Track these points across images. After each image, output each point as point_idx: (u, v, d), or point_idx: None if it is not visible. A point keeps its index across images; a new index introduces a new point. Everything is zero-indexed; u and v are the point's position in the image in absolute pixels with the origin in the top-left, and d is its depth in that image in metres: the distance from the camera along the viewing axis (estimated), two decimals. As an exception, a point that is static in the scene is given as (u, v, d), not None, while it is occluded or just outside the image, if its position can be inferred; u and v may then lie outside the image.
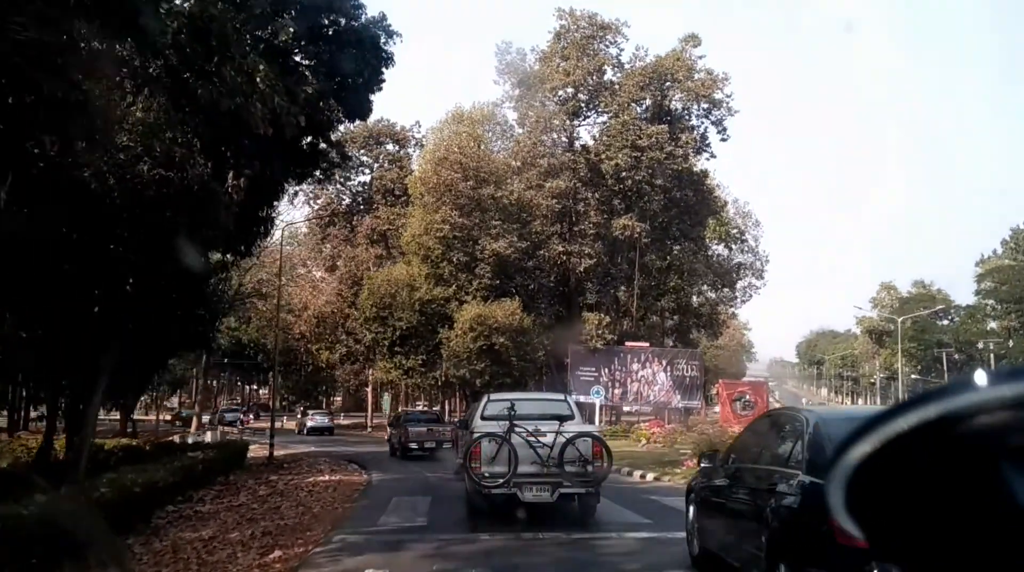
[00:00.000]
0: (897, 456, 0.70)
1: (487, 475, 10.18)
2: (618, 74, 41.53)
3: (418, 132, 52.53)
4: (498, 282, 37.98)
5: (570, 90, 40.57)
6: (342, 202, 54.26)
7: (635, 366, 38.21)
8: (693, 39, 40.03)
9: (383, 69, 19.12)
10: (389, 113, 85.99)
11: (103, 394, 17.07)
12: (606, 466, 10.55)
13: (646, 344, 39.85)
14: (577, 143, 41.86)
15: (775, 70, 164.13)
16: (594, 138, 41.92)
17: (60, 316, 14.91)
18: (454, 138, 38.25)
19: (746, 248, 53.83)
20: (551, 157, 40.22)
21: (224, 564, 7.75)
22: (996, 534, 0.66)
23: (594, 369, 37.35)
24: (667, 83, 40.10)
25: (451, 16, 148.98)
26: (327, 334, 50.14)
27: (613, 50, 41.40)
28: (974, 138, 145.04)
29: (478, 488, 10.34)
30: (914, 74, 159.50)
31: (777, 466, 6.25)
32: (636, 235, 38.58)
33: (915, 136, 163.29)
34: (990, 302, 79.97)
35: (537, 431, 10.39)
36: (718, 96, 40.10)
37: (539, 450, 10.23)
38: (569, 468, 10.20)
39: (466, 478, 10.96)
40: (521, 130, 41.76)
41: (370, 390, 56.81)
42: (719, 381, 52.81)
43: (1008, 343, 73.33)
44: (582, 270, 39.32)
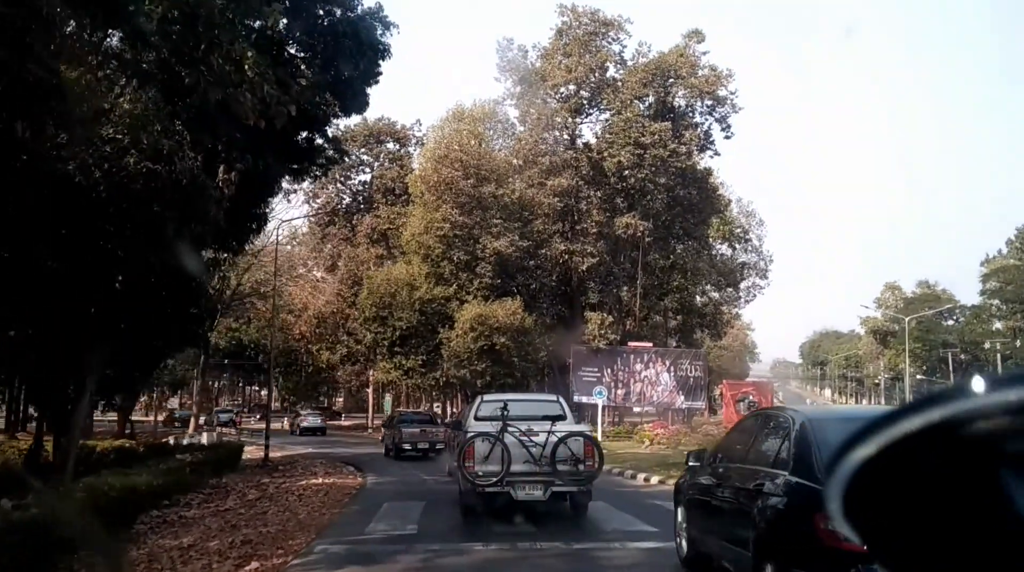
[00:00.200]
0: (895, 461, 0.70)
1: (481, 474, 10.36)
2: (620, 71, 41.06)
3: (419, 130, 52.16)
4: (499, 281, 37.56)
5: (572, 87, 40.11)
6: (342, 201, 53.85)
7: (638, 366, 37.71)
8: (697, 35, 39.55)
9: (379, 62, 18.71)
10: (389, 112, 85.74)
11: (92, 394, 16.63)
12: (597, 465, 10.77)
13: (649, 344, 39.36)
14: (579, 141, 41.40)
15: (778, 67, 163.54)
16: (596, 136, 41.48)
17: (44, 314, 14.47)
18: (455, 136, 37.82)
19: (750, 247, 53.46)
20: (553, 155, 39.75)
21: (197, 575, 7.31)
22: (995, 540, 0.65)
23: (597, 370, 36.85)
24: (670, 80, 39.59)
25: (451, 13, 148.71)
26: (328, 335, 49.71)
27: (616, 47, 40.99)
28: (979, 137, 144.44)
29: (472, 487, 10.49)
30: (918, 72, 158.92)
31: (763, 466, 6.22)
32: (639, 234, 38.11)
33: (919, 135, 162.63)
34: (995, 302, 79.56)
35: (530, 431, 10.58)
36: (722, 93, 39.62)
37: (532, 449, 10.44)
38: (561, 467, 10.39)
39: (460, 477, 11.11)
40: (522, 128, 41.31)
41: (371, 391, 56.40)
42: (723, 382, 52.39)
43: (1016, 343, 72.75)
44: (584, 269, 38.84)
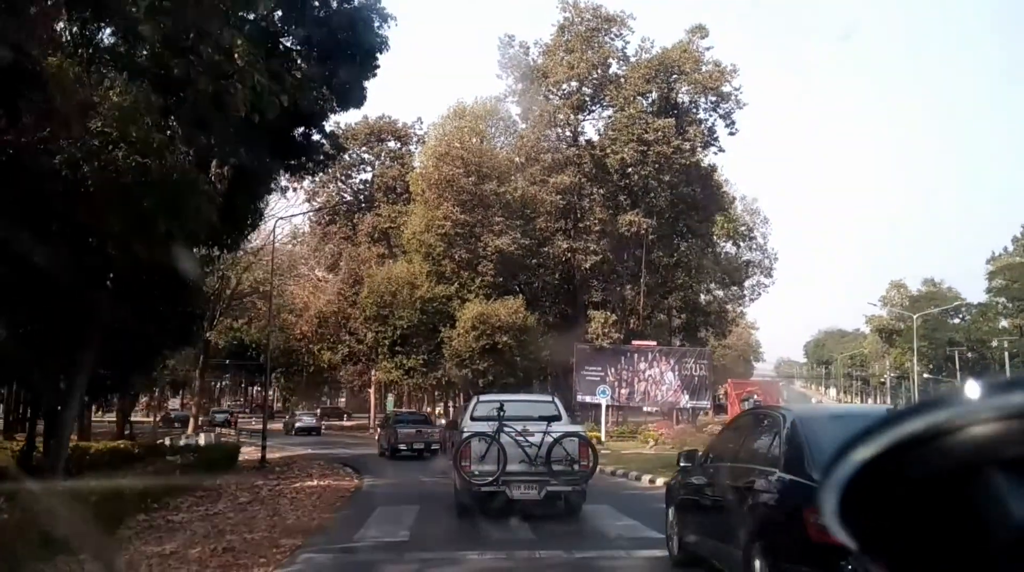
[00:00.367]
0: (890, 466, 0.69)
1: (477, 473, 10.50)
2: (623, 67, 40.63)
3: (420, 128, 51.75)
4: (501, 280, 37.19)
5: (574, 84, 39.69)
6: (343, 200, 53.49)
7: (642, 365, 37.24)
8: (700, 30, 39.08)
9: (377, 55, 18.29)
10: (390, 110, 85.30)
11: (84, 394, 16.28)
12: (591, 465, 10.94)
13: (653, 343, 38.89)
14: (582, 138, 40.99)
15: (781, 63, 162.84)
16: (599, 133, 41.07)
17: (32, 312, 14.12)
18: (456, 133, 37.46)
19: (754, 246, 52.95)
20: (555, 152, 39.35)
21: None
22: (989, 546, 0.65)
23: (600, 369, 36.40)
24: (674, 76, 39.12)
25: (452, 10, 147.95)
26: (329, 335, 49.36)
27: (618, 43, 40.56)
28: (983, 134, 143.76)
29: (468, 486, 10.63)
30: (922, 69, 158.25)
31: (754, 464, 6.21)
32: (642, 231, 37.67)
33: (924, 132, 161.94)
34: (1001, 300, 79.04)
35: (525, 431, 10.69)
36: (726, 89, 39.13)
37: (527, 449, 10.56)
38: (556, 467, 10.54)
39: (456, 476, 11.22)
40: (524, 125, 40.95)
41: (373, 391, 56.04)
42: (728, 381, 51.97)
43: (1023, 341, 72.20)
44: (587, 267, 38.43)
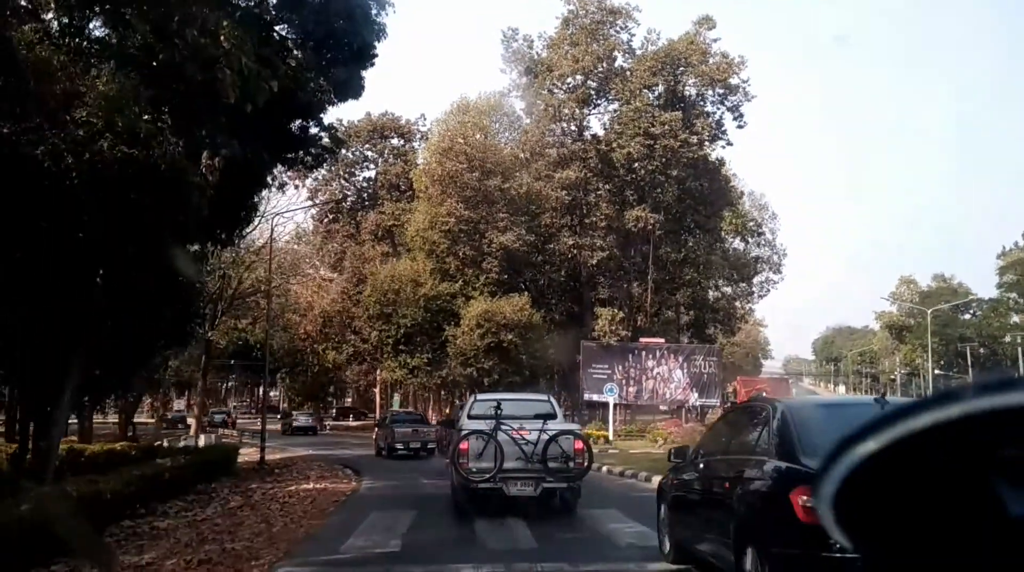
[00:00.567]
0: (887, 463, 0.70)
1: (474, 470, 10.64)
2: (629, 60, 40.03)
3: (423, 125, 51.26)
4: (506, 277, 36.64)
5: (579, 77, 39.08)
6: (346, 198, 53.00)
7: (650, 363, 36.61)
8: (707, 21, 38.43)
9: (375, 43, 17.79)
10: (393, 107, 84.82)
11: (74, 395, 15.75)
12: (587, 463, 11.15)
13: (661, 340, 38.24)
14: (587, 133, 40.39)
15: (790, 54, 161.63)
16: (605, 127, 40.47)
17: (17, 311, 13.59)
18: (459, 128, 36.91)
19: (763, 241, 52.25)
20: (560, 147, 38.78)
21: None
22: (984, 541, 0.66)
23: (607, 366, 35.80)
24: (680, 68, 38.50)
25: (455, 5, 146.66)
26: (334, 334, 48.89)
27: (624, 35, 39.98)
28: (995, 128, 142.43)
29: (465, 483, 10.77)
30: (933, 63, 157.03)
31: (745, 455, 6.20)
32: (649, 227, 37.08)
33: (931, 126, 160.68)
34: (1012, 296, 78.09)
35: (522, 428, 10.85)
36: (734, 81, 38.50)
37: (524, 447, 10.71)
38: (552, 464, 10.69)
39: (453, 473, 11.38)
40: (528, 120, 40.37)
41: (378, 390, 55.58)
42: (737, 378, 51.33)
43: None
44: (594, 264, 37.83)
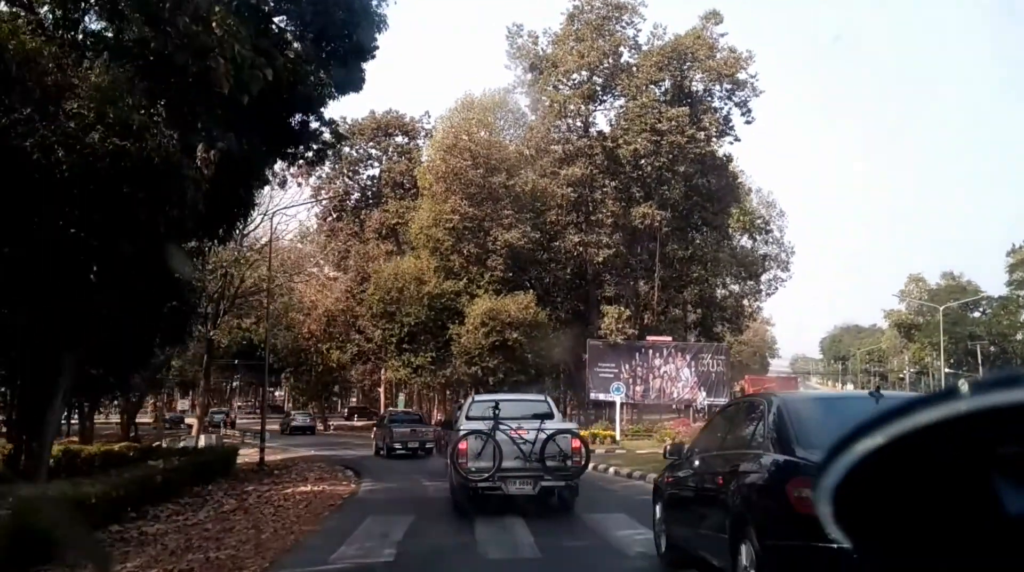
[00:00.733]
0: (887, 460, 0.69)
1: (473, 470, 10.77)
2: (635, 55, 39.55)
3: (427, 123, 50.85)
4: (511, 275, 36.19)
5: (585, 73, 38.61)
6: (350, 196, 52.64)
7: (657, 362, 36.11)
8: (714, 16, 37.90)
9: (375, 35, 17.42)
10: (397, 105, 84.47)
11: (66, 396, 15.40)
12: (584, 461, 11.29)
13: (669, 338, 37.71)
14: (593, 129, 39.92)
15: (797, 51, 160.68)
16: (611, 123, 40.00)
17: (6, 308, 13.23)
18: (463, 124, 36.46)
19: (770, 239, 51.73)
20: (565, 143, 38.32)
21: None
22: (983, 539, 0.66)
23: (614, 365, 35.30)
24: (687, 63, 37.99)
25: (459, 1, 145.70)
26: (338, 333, 48.53)
27: (630, 31, 39.48)
28: (1004, 125, 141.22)
29: (464, 482, 10.90)
30: (943, 58, 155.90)
31: (741, 449, 6.19)
32: (656, 224, 36.60)
33: (941, 123, 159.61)
34: (1023, 294, 77.27)
35: (520, 428, 11.00)
36: (741, 76, 37.98)
37: (522, 446, 10.85)
38: (550, 463, 10.84)
39: (452, 473, 11.57)
40: (533, 116, 39.93)
41: (382, 390, 55.23)
42: (745, 377, 50.81)
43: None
44: (600, 261, 37.35)
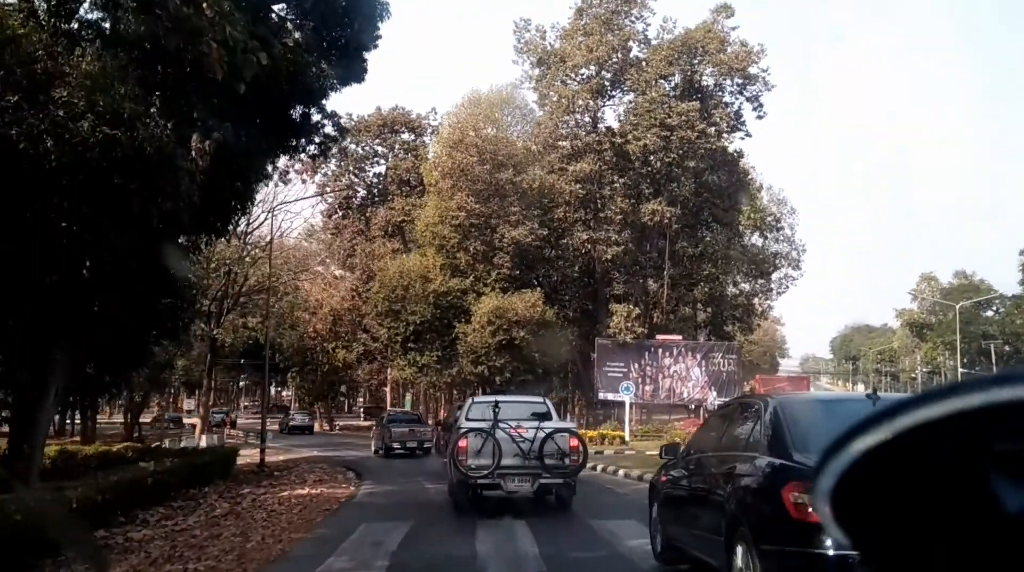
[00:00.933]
0: (884, 459, 0.69)
1: (473, 467, 10.94)
2: (644, 50, 38.93)
3: (434, 119, 50.32)
4: (518, 273, 35.68)
5: (593, 68, 38.00)
6: (356, 194, 52.20)
7: (667, 361, 35.52)
8: (725, 9, 37.21)
9: (378, 23, 16.93)
10: (403, 102, 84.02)
11: (58, 395, 14.93)
12: (581, 459, 11.53)
13: (678, 337, 37.11)
14: (601, 124, 39.26)
15: (806, 46, 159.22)
16: (619, 118, 39.38)
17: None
18: (470, 120, 35.94)
19: (781, 237, 51.02)
20: (574, 139, 37.74)
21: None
22: (981, 539, 0.65)
23: (623, 364, 34.75)
24: (697, 57, 37.36)
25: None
26: (344, 333, 48.10)
27: (639, 25, 38.89)
28: (1017, 122, 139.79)
29: (464, 479, 11.08)
30: (955, 55, 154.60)
31: (736, 450, 6.19)
32: (666, 221, 35.98)
33: (953, 120, 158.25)
34: (1036, 292, 76.28)
35: (519, 426, 11.17)
36: (753, 70, 37.31)
37: (521, 444, 11.01)
38: (548, 461, 11.01)
39: (451, 470, 11.77)
40: (541, 112, 39.34)
41: (388, 389, 54.82)
42: (756, 377, 50.14)
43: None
44: (608, 259, 36.73)
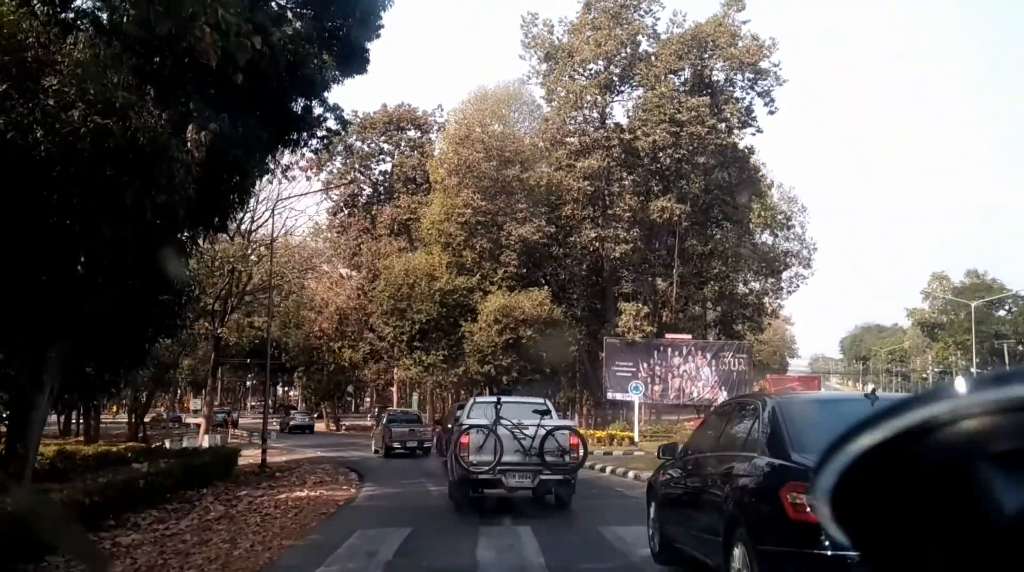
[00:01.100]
0: (883, 458, 0.69)
1: (475, 462, 11.12)
2: (654, 44, 38.37)
3: (440, 116, 49.85)
4: (525, 271, 35.22)
5: (602, 63, 37.43)
6: (362, 192, 51.83)
7: (676, 360, 34.96)
8: (736, 2, 36.60)
9: (380, 12, 16.51)
10: (410, 100, 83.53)
11: (53, 394, 14.54)
12: (581, 456, 11.84)
13: (688, 336, 36.55)
14: (610, 120, 38.68)
15: (817, 41, 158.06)
16: (628, 114, 38.79)
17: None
18: (476, 115, 35.48)
19: (791, 235, 50.36)
20: (582, 135, 37.18)
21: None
22: (980, 539, 0.65)
23: (632, 364, 34.22)
24: (708, 52, 36.77)
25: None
26: (351, 332, 47.74)
27: (648, 19, 38.22)
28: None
29: (465, 475, 11.27)
30: (967, 53, 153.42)
31: (734, 451, 6.19)
32: (675, 218, 35.41)
33: (965, 119, 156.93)
34: (1050, 291, 75.40)
35: (520, 424, 11.37)
36: (764, 65, 36.69)
37: (522, 441, 11.20)
38: (549, 457, 11.19)
39: (452, 468, 11.99)
40: (548, 108, 38.85)
41: (395, 389, 54.45)
42: (767, 376, 49.51)
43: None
44: (617, 257, 36.17)
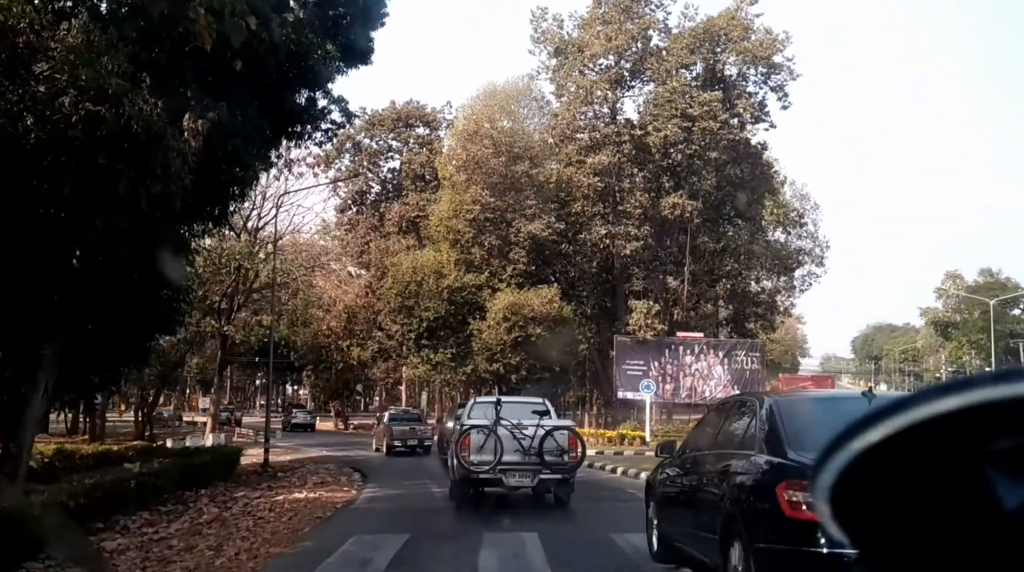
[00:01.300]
0: (883, 456, 0.69)
1: (476, 462, 11.33)
2: (665, 39, 37.83)
3: (449, 113, 49.45)
4: (534, 268, 34.76)
5: (612, 58, 36.92)
6: (371, 189, 51.49)
7: (688, 359, 34.39)
8: (749, -5, 36.03)
9: (384, 1, 16.16)
10: (419, 97, 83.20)
11: (48, 393, 14.18)
12: (580, 456, 12.07)
13: (700, 334, 35.95)
14: (620, 116, 38.14)
15: (828, 37, 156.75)
16: (639, 110, 38.27)
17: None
18: (485, 111, 35.03)
19: (804, 233, 49.68)
20: (592, 131, 36.65)
21: None
22: (979, 537, 0.65)
23: (642, 362, 33.68)
24: (720, 46, 36.18)
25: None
26: (359, 330, 47.38)
27: (660, 13, 37.73)
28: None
29: (466, 474, 11.45)
30: (979, 52, 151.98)
31: (732, 449, 6.22)
32: (687, 215, 34.85)
33: (977, 118, 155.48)
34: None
35: (520, 424, 11.56)
36: (778, 59, 36.05)
37: (522, 441, 11.38)
38: (548, 457, 11.38)
39: (452, 469, 12.17)
40: (558, 103, 38.33)
41: (404, 388, 54.11)
42: (779, 376, 48.91)
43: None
44: (627, 254, 35.63)
